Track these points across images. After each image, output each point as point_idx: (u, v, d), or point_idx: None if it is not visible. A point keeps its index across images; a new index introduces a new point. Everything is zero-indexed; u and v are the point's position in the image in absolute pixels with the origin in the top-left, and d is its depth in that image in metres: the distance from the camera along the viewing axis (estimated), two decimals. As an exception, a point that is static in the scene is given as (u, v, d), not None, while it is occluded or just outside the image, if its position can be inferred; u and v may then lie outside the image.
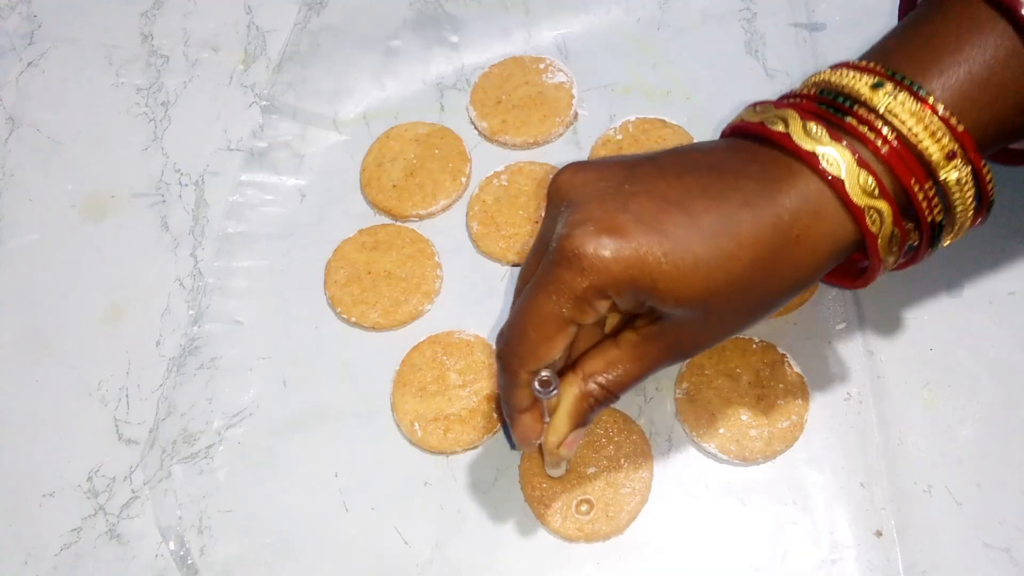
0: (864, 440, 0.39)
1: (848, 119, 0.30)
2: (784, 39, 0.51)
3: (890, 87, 0.29)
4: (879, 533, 0.38)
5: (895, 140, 0.29)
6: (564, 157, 0.48)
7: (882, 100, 0.29)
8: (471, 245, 0.46)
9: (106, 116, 0.52)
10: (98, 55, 0.55)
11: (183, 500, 0.41)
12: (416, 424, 0.41)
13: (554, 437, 0.33)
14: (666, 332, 0.31)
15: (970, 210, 0.31)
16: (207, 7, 0.56)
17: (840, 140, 0.29)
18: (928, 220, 0.30)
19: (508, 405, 0.33)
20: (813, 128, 0.29)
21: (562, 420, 0.33)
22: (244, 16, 0.55)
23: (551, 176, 0.46)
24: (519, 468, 0.40)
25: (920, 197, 0.30)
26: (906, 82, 0.29)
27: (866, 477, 0.39)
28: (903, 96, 0.29)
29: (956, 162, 0.29)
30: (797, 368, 0.41)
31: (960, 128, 0.29)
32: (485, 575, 0.38)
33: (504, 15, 0.54)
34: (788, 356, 0.41)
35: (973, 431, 0.39)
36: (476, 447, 0.41)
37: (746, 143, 0.31)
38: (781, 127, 0.30)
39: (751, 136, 0.31)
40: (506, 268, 0.46)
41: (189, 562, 0.39)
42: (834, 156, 0.29)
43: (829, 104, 0.30)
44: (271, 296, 0.46)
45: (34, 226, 0.49)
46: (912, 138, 0.29)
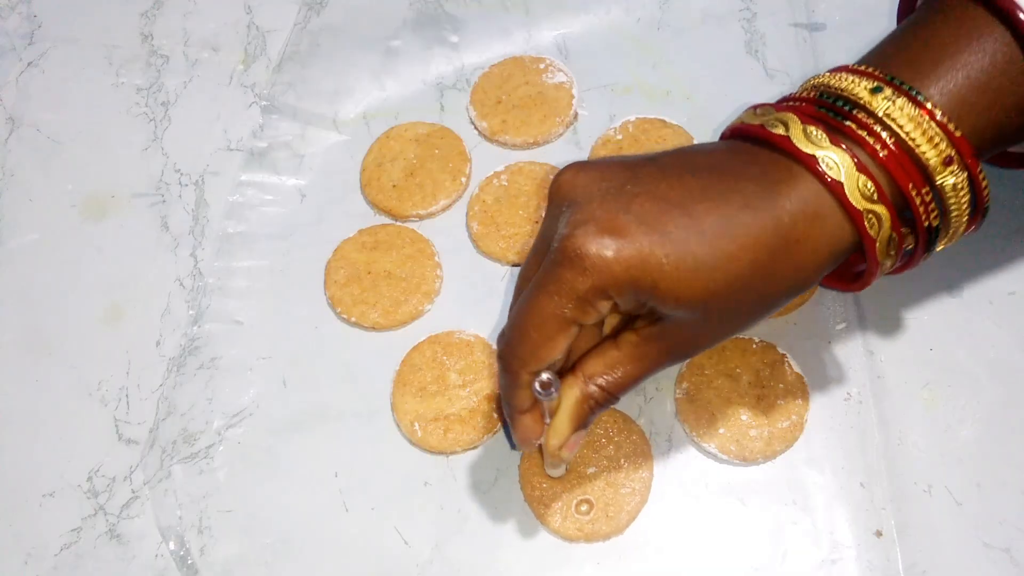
0: (864, 440, 0.40)
1: (848, 123, 0.30)
2: (784, 39, 0.51)
3: (889, 92, 0.30)
4: (879, 533, 0.38)
5: (894, 145, 0.29)
6: (564, 157, 0.48)
7: (881, 104, 0.29)
8: (471, 245, 0.46)
9: (106, 116, 0.52)
10: (98, 55, 0.55)
11: (183, 500, 0.41)
12: (416, 424, 0.41)
13: (555, 440, 0.33)
14: (666, 333, 0.31)
15: (965, 216, 0.31)
16: (207, 7, 0.56)
17: (840, 144, 0.29)
18: (925, 225, 0.30)
19: (509, 406, 0.33)
20: (813, 131, 0.29)
21: (563, 422, 0.33)
22: (244, 16, 0.55)
23: (551, 176, 0.46)
24: (519, 468, 0.40)
25: (918, 202, 0.30)
26: (905, 87, 0.30)
27: (866, 477, 0.39)
28: (902, 101, 0.29)
29: (953, 167, 0.29)
30: (797, 368, 0.41)
31: (958, 134, 0.29)
32: (485, 575, 0.38)
33: (504, 15, 0.54)
34: (788, 356, 0.41)
35: (973, 431, 0.39)
36: (476, 447, 0.41)
37: (746, 145, 0.32)
38: (781, 130, 0.30)
39: (751, 138, 0.31)
40: (506, 268, 0.46)
41: (189, 562, 0.39)
42: (834, 160, 0.29)
43: (829, 108, 0.30)
44: (271, 296, 0.46)
45: (34, 226, 0.49)
46: (910, 143, 0.29)
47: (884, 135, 0.29)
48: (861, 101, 0.30)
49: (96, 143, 0.52)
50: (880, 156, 0.29)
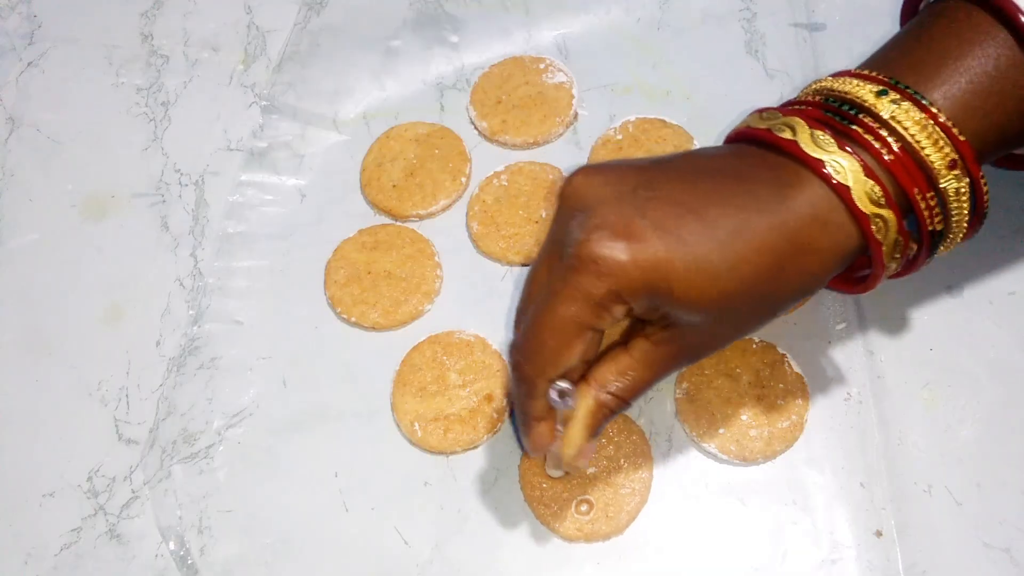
0: (864, 440, 0.39)
1: (854, 127, 0.30)
2: (784, 39, 0.51)
3: (895, 95, 0.30)
4: (879, 533, 0.38)
5: (899, 148, 0.29)
6: (564, 157, 0.48)
7: (887, 108, 0.29)
8: (471, 245, 0.46)
9: (106, 116, 0.52)
10: (98, 55, 0.55)
11: (183, 500, 0.41)
12: (416, 424, 0.41)
13: (571, 449, 0.33)
14: (677, 337, 0.31)
15: (965, 221, 0.31)
16: (207, 7, 0.56)
17: (846, 148, 0.29)
18: (929, 229, 0.30)
19: (523, 414, 0.33)
20: (820, 136, 0.30)
21: (578, 431, 0.33)
22: (244, 16, 0.55)
23: (551, 176, 0.47)
24: (519, 468, 0.40)
25: (922, 206, 0.30)
26: (909, 91, 0.30)
27: (866, 477, 0.39)
28: (907, 104, 0.29)
29: (956, 172, 0.30)
30: (797, 368, 0.41)
31: (962, 138, 0.29)
32: (485, 575, 0.38)
33: (504, 15, 0.54)
34: (788, 356, 0.41)
35: (973, 431, 0.39)
36: (476, 447, 0.41)
37: (753, 149, 0.32)
38: (788, 134, 0.30)
39: (758, 142, 0.31)
40: (506, 268, 0.46)
41: (189, 562, 0.39)
42: (841, 164, 0.29)
43: (835, 112, 0.30)
44: (271, 296, 0.46)
45: (34, 226, 0.49)
46: (916, 146, 0.29)
47: (890, 139, 0.29)
48: (867, 104, 0.30)
49: (96, 143, 0.52)
50: (886, 160, 0.29)
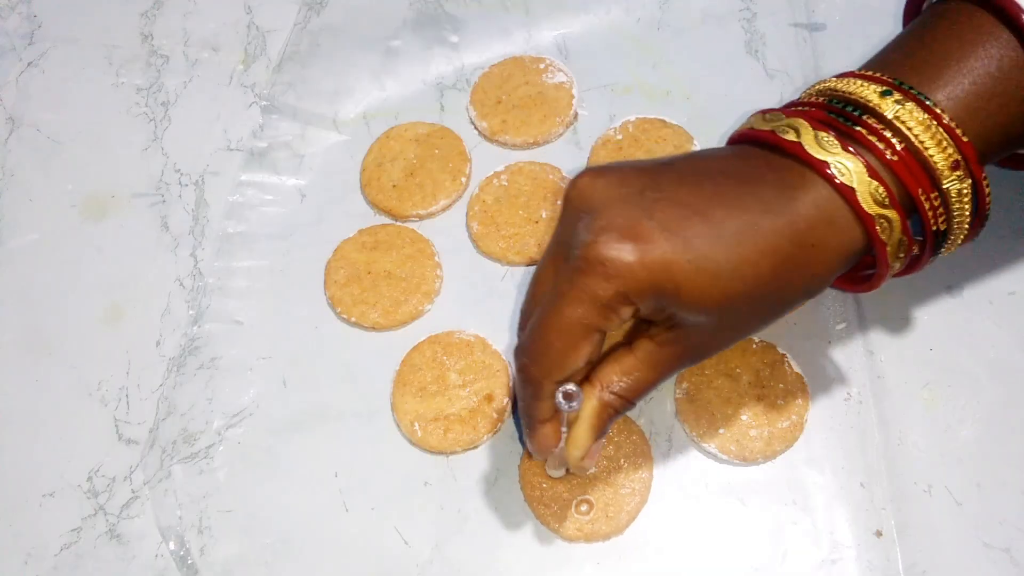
0: (864, 440, 0.39)
1: (858, 128, 0.30)
2: (784, 39, 0.51)
3: (898, 95, 0.30)
4: (879, 533, 0.38)
5: (903, 149, 0.29)
6: (564, 157, 0.48)
7: (891, 108, 0.29)
8: (471, 245, 0.46)
9: (106, 116, 0.52)
10: (98, 55, 0.55)
11: (183, 500, 0.41)
12: (416, 424, 0.41)
13: (577, 451, 0.33)
14: (682, 338, 0.31)
15: (966, 223, 0.31)
16: (207, 7, 0.56)
17: (850, 149, 0.29)
18: (932, 229, 0.30)
19: (529, 417, 0.33)
20: (824, 137, 0.30)
21: (583, 432, 0.33)
22: (244, 16, 0.55)
23: (551, 176, 0.47)
24: (519, 468, 0.40)
25: (926, 206, 0.30)
26: (913, 91, 0.30)
27: (866, 477, 0.39)
28: (911, 105, 0.29)
29: (959, 172, 0.30)
30: (797, 368, 0.41)
31: (965, 139, 0.29)
32: (485, 575, 0.38)
33: (504, 15, 0.54)
34: (788, 356, 0.41)
35: (973, 431, 0.39)
36: (476, 447, 0.41)
37: (757, 151, 0.32)
38: (793, 136, 0.30)
39: (761, 144, 0.31)
40: (506, 268, 0.46)
41: (189, 562, 0.39)
42: (846, 166, 0.29)
43: (838, 113, 0.31)
44: (271, 296, 0.46)
45: (34, 226, 0.49)
46: (919, 146, 0.29)
47: (894, 140, 0.29)
48: (871, 105, 0.30)
49: (96, 143, 0.52)
50: (889, 160, 0.29)
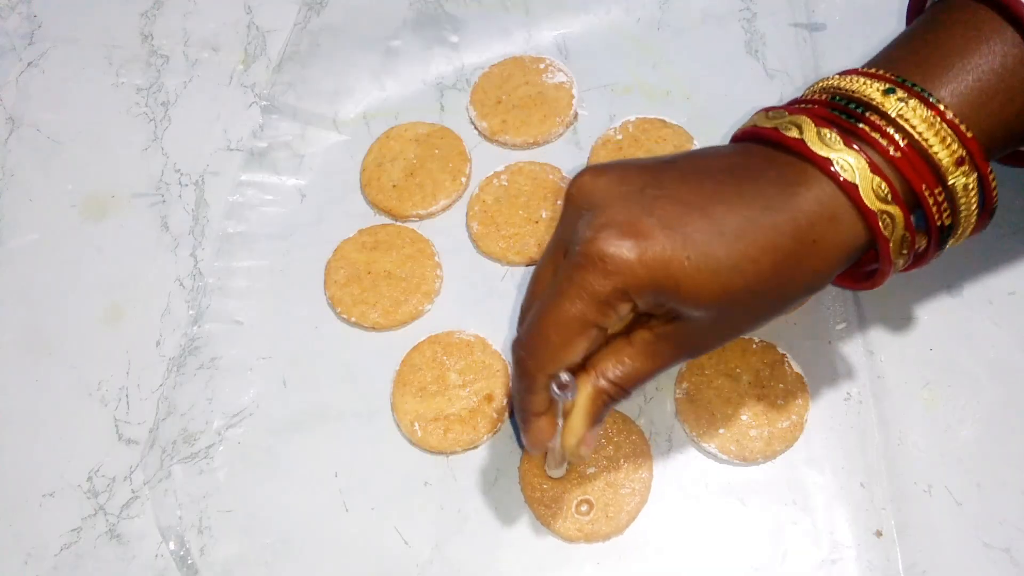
0: (864, 440, 0.39)
1: (861, 125, 0.30)
2: (784, 39, 0.51)
3: (901, 93, 0.30)
4: (879, 533, 0.38)
5: (906, 146, 0.29)
6: (564, 157, 0.48)
7: (894, 106, 0.30)
8: (471, 245, 0.46)
9: (106, 116, 0.52)
10: (98, 55, 0.55)
11: (183, 500, 0.41)
12: (416, 424, 0.41)
13: (573, 438, 0.33)
14: (681, 332, 0.31)
15: (974, 216, 0.31)
16: (207, 7, 0.56)
17: (853, 145, 0.29)
18: (937, 224, 0.31)
19: (523, 410, 0.33)
20: (827, 134, 0.30)
21: (579, 419, 0.33)
22: (244, 16, 0.55)
23: (551, 176, 0.47)
24: (519, 468, 0.40)
25: (930, 202, 0.30)
26: (916, 88, 0.30)
27: (866, 477, 0.39)
28: (914, 102, 0.30)
29: (964, 168, 0.30)
30: (797, 368, 0.41)
31: (969, 135, 0.29)
32: (485, 575, 0.38)
33: (504, 15, 0.54)
34: (788, 356, 0.41)
35: (973, 431, 0.39)
36: (476, 447, 0.41)
37: (760, 148, 0.32)
38: (795, 133, 0.30)
39: (764, 141, 0.32)
40: (506, 268, 0.46)
41: (189, 562, 0.39)
42: (848, 162, 0.29)
43: (841, 110, 0.31)
44: (271, 296, 0.46)
45: (34, 226, 0.49)
46: (923, 143, 0.29)
47: (897, 136, 0.29)
48: (874, 103, 0.30)
49: (96, 143, 0.52)
50: (893, 156, 0.29)
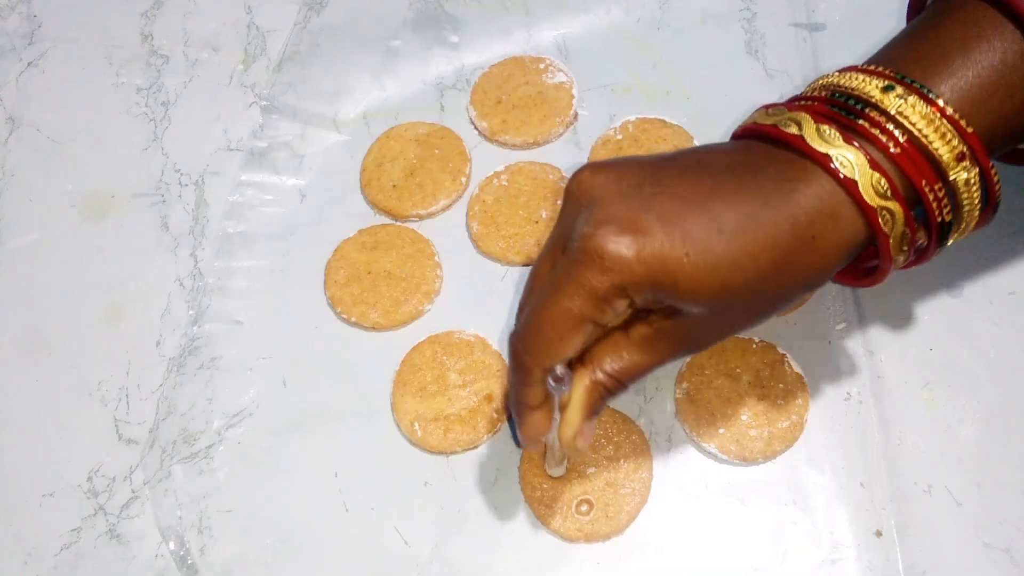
0: (864, 440, 0.39)
1: (860, 121, 0.30)
2: (784, 39, 0.51)
3: (901, 90, 0.30)
4: (879, 533, 0.38)
5: (906, 142, 0.30)
6: (564, 157, 0.48)
7: (893, 102, 0.30)
8: (471, 245, 0.46)
9: (106, 116, 0.53)
10: (98, 55, 0.55)
11: (183, 500, 0.41)
12: (416, 424, 0.41)
13: (569, 430, 0.33)
14: (679, 327, 0.31)
15: (976, 211, 0.31)
16: (207, 7, 0.56)
17: (852, 142, 0.29)
18: (938, 220, 0.31)
19: (519, 403, 0.33)
20: (826, 130, 0.30)
21: (575, 411, 0.33)
22: (244, 16, 0.55)
23: (551, 176, 0.47)
24: (519, 468, 0.40)
25: (931, 198, 0.30)
26: (916, 85, 0.30)
27: (866, 477, 0.39)
28: (914, 99, 0.30)
29: (965, 163, 0.30)
30: (797, 368, 0.41)
31: (969, 130, 0.29)
32: (485, 575, 0.38)
33: (504, 15, 0.54)
34: (788, 356, 0.41)
35: (973, 431, 0.39)
36: (476, 447, 0.41)
37: (760, 145, 0.32)
38: (795, 129, 0.30)
39: (764, 138, 0.32)
40: (506, 268, 0.46)
41: (189, 562, 0.39)
42: (848, 158, 0.29)
43: (841, 107, 0.31)
44: (271, 296, 0.46)
45: (34, 226, 0.49)
46: (923, 140, 0.29)
47: (896, 132, 0.29)
48: (873, 99, 0.30)
49: (96, 143, 0.52)
50: (893, 153, 0.29)
